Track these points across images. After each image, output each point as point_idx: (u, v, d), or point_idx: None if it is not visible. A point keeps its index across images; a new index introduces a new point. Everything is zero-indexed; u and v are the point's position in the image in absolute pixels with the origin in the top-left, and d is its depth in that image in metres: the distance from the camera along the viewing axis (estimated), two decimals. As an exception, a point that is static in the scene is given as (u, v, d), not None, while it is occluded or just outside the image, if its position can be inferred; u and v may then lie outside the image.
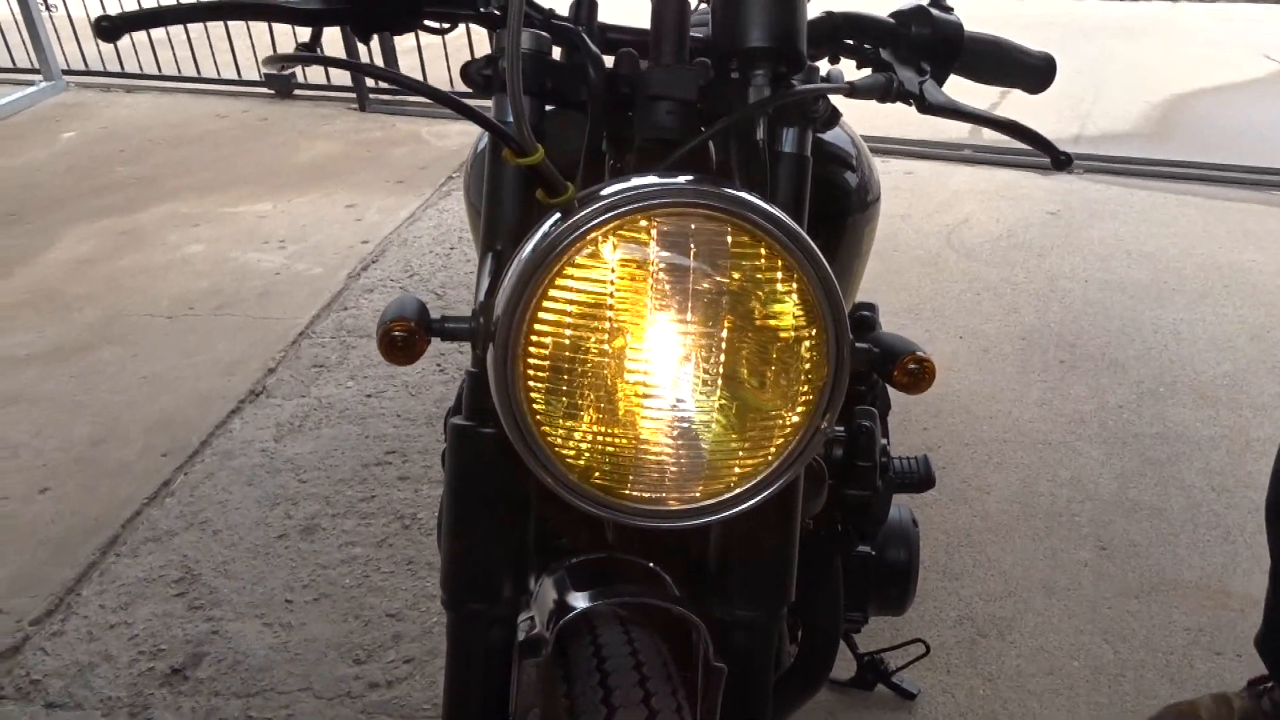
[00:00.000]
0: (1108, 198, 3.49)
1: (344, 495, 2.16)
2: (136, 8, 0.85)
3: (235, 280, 3.12)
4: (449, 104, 0.71)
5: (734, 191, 0.71)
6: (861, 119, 2.95)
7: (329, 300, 2.96)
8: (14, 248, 3.41)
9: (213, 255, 3.30)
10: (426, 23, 0.90)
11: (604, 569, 0.88)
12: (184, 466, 2.28)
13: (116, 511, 2.14)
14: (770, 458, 0.75)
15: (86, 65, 5.14)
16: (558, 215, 0.71)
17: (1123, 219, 3.32)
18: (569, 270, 0.69)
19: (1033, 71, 1.04)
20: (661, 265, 0.70)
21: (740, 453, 0.74)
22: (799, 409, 0.74)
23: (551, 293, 0.70)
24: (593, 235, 0.69)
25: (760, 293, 0.71)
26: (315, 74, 4.70)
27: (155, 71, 5.01)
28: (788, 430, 0.74)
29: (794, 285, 0.71)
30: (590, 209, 0.69)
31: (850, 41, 0.96)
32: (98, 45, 5.06)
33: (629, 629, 0.82)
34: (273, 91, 4.81)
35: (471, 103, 0.74)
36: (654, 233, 0.70)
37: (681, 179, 0.72)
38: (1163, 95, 4.58)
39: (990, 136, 4.04)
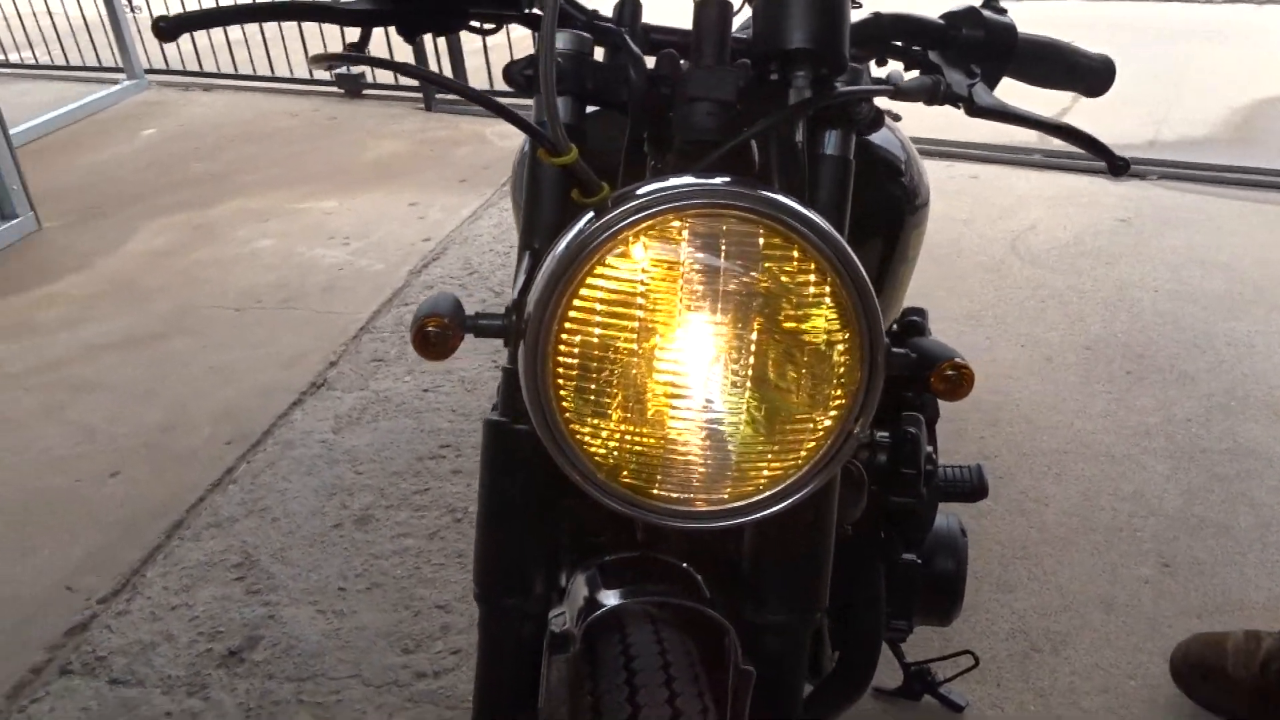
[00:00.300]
0: (1182, 205, 3.39)
1: (398, 487, 2.19)
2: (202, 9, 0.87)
3: (301, 275, 3.19)
4: (485, 104, 0.72)
5: (767, 193, 0.71)
6: (922, 123, 2.92)
7: (390, 296, 3.01)
8: (96, 240, 3.53)
9: (280, 250, 3.38)
10: (471, 24, 0.91)
11: (636, 568, 0.88)
12: (247, 455, 2.33)
13: (182, 497, 2.20)
14: (801, 461, 0.74)
15: (167, 64, 5.30)
16: (591, 214, 0.71)
17: (1197, 227, 3.22)
18: (600, 269, 0.70)
19: (1090, 74, 1.02)
20: (693, 266, 0.70)
21: (769, 455, 0.74)
22: (831, 413, 0.74)
23: (583, 291, 0.70)
24: (624, 234, 0.69)
25: (793, 295, 0.71)
26: (384, 75, 4.78)
27: (232, 71, 5.14)
28: (819, 434, 0.74)
29: (827, 288, 0.71)
30: (623, 208, 0.69)
31: (899, 43, 0.95)
32: (177, 45, 5.21)
33: (659, 628, 0.82)
34: (343, 91, 4.91)
35: (513, 102, 0.75)
36: (686, 233, 0.70)
37: (717, 180, 0.72)
38: (1244, 100, 4.43)
39: (1060, 141, 3.95)
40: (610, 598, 0.84)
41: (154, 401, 2.57)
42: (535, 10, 0.90)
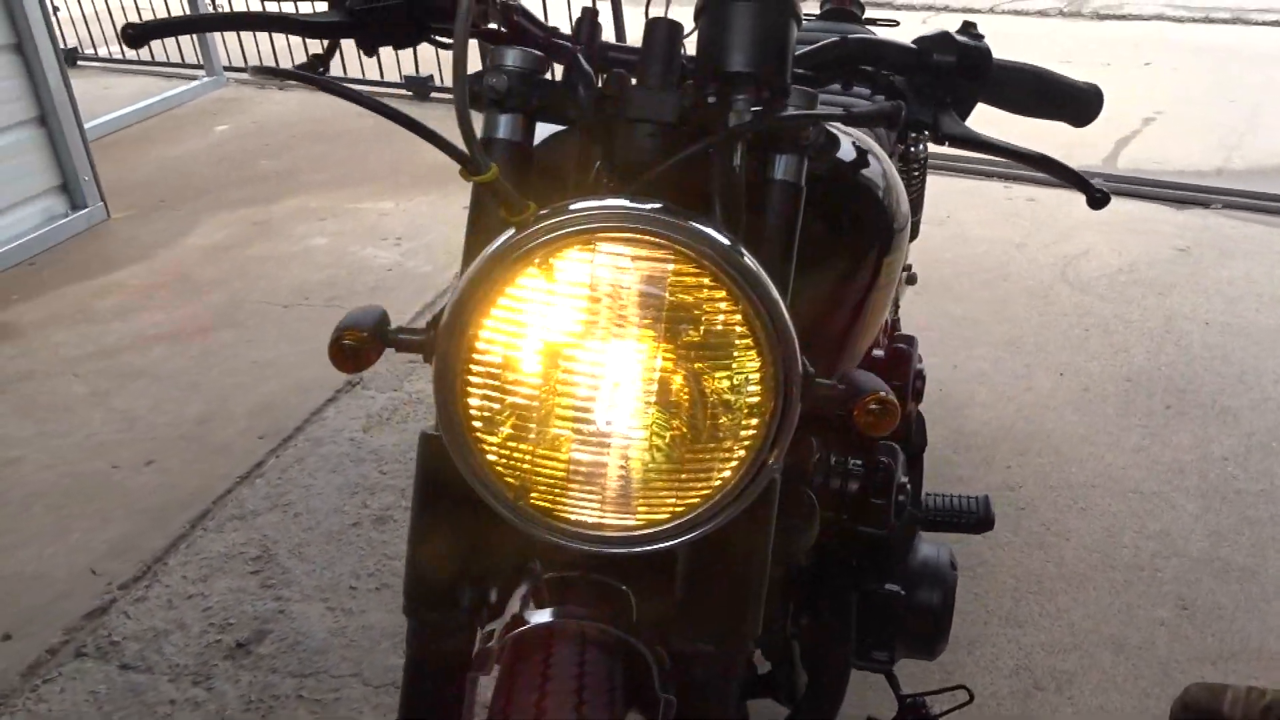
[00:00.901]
0: (1245, 236, 3.26)
1: (418, 489, 2.21)
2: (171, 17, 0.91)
3: (350, 274, 3.25)
4: (402, 122, 0.72)
5: (685, 220, 0.70)
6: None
7: (432, 299, 3.06)
8: (159, 232, 3.65)
9: (334, 249, 3.45)
10: (433, 38, 0.92)
11: (570, 587, 0.87)
12: (277, 450, 2.39)
13: (211, 488, 2.26)
14: (712, 491, 0.73)
15: (246, 62, 5.45)
16: (511, 231, 0.71)
17: (1258, 259, 3.10)
18: (511, 288, 0.70)
19: (1073, 102, 0.99)
20: (602, 288, 0.70)
21: (677, 483, 0.73)
22: (744, 443, 0.72)
23: (493, 310, 0.70)
24: (536, 254, 0.69)
25: (703, 322, 0.70)
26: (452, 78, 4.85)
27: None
28: (733, 463, 0.73)
29: (738, 317, 0.70)
30: (534, 229, 0.69)
31: (870, 68, 0.93)
32: (256, 44, 5.38)
33: (585, 650, 0.82)
34: (411, 94, 4.99)
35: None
36: (597, 256, 0.70)
37: (644, 205, 0.72)
38: (1327, 128, 4.26)
39: (1124, 165, 3.84)
40: (538, 616, 0.84)
41: (196, 393, 2.64)
42: (491, 26, 0.91)
